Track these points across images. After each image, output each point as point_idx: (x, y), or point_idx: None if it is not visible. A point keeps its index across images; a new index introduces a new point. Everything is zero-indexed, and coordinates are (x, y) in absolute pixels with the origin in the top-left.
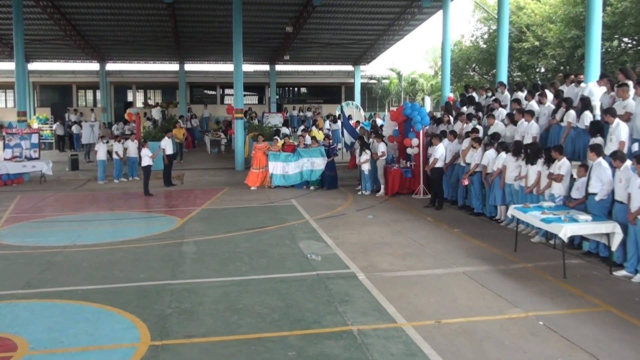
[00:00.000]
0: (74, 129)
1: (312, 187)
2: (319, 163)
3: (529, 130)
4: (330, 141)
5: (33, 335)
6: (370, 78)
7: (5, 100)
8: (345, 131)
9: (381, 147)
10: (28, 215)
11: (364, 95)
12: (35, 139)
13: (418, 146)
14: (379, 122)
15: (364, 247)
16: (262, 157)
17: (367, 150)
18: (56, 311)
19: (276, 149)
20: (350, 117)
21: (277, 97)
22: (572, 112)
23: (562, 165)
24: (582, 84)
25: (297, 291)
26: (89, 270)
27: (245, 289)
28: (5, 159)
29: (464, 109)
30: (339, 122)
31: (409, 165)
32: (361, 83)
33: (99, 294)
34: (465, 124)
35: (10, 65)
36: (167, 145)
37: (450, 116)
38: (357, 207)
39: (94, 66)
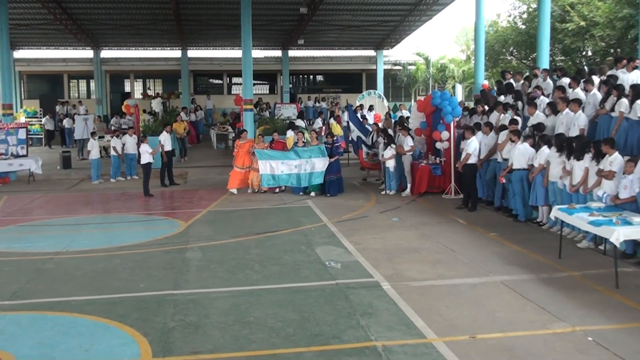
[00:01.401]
0: (66, 122)
1: (312, 194)
2: (320, 164)
3: (575, 122)
4: (334, 138)
5: (21, 350)
6: (395, 64)
7: None
8: (350, 126)
9: (408, 141)
10: (15, 218)
11: (388, 84)
12: (22, 134)
13: (448, 140)
14: (404, 113)
15: (389, 253)
16: (245, 155)
17: (392, 145)
18: (47, 324)
19: (262, 147)
20: (372, 108)
21: (291, 86)
22: (624, 101)
23: (614, 160)
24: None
25: (315, 302)
26: (83, 279)
27: (256, 300)
28: None
29: (501, 97)
30: (359, 114)
31: (438, 162)
32: (384, 70)
33: (95, 305)
34: (502, 115)
35: None
36: (166, 140)
37: (485, 106)
38: (381, 209)
39: (88, 53)
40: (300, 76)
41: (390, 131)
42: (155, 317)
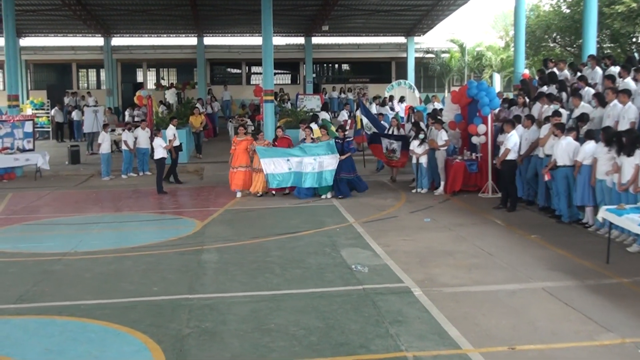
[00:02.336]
0: (74, 115)
1: (323, 196)
2: (329, 162)
3: (624, 114)
4: (346, 133)
5: (28, 357)
6: (427, 52)
7: None
8: (364, 122)
9: (442, 136)
10: (21, 216)
11: (419, 73)
12: (29, 127)
13: (485, 134)
14: (437, 106)
15: (421, 256)
16: (242, 154)
17: (424, 140)
18: (55, 330)
19: (263, 144)
20: (402, 100)
21: (314, 75)
22: None
23: None
24: None
25: (340, 309)
26: (92, 281)
27: (277, 305)
28: None
29: (543, 88)
30: (388, 105)
31: (474, 158)
32: (415, 58)
33: (105, 309)
34: (544, 107)
35: None
36: (173, 135)
37: (525, 97)
38: (412, 208)
39: (98, 41)
40: (325, 65)
41: (422, 125)
42: (169, 323)
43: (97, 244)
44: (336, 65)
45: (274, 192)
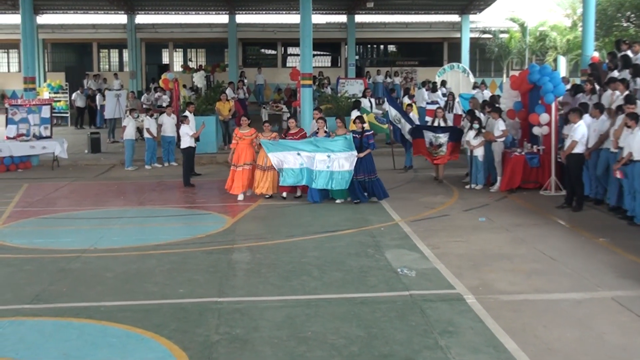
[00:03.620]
0: (98, 99)
1: (337, 201)
2: (346, 161)
3: None
4: (365, 125)
5: None
6: (483, 31)
7: (8, 62)
8: (392, 113)
9: (499, 126)
10: (37, 209)
11: (474, 55)
12: (46, 112)
13: (549, 124)
14: (486, 94)
15: (474, 260)
16: (247, 149)
17: (480, 130)
18: (72, 333)
19: (270, 137)
20: (444, 84)
21: (357, 58)
22: None
23: None
24: None
25: (384, 317)
26: (113, 281)
27: (314, 311)
28: (8, 138)
29: (615, 73)
30: (440, 92)
31: (535, 151)
32: (470, 38)
33: (127, 312)
34: (616, 94)
35: (14, 19)
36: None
37: (594, 83)
38: (465, 206)
39: (121, 18)
40: (369, 46)
41: (478, 113)
42: (197, 328)
43: (118, 240)
44: (382, 47)
45: (284, 194)
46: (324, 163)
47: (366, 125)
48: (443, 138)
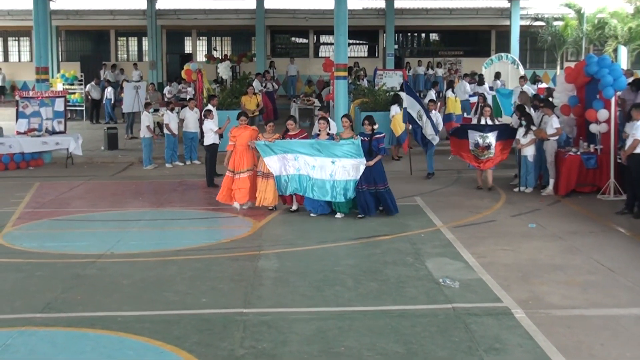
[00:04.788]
0: (108, 92)
1: (338, 215)
2: (352, 169)
3: None
4: (375, 127)
5: None
6: (535, 19)
7: (19, 51)
8: (411, 103)
9: (553, 122)
10: (49, 210)
11: (525, 45)
12: (59, 105)
13: (608, 121)
14: (526, 89)
15: (524, 270)
16: (245, 152)
17: (531, 127)
18: (87, 344)
19: (272, 139)
20: (498, 76)
21: (396, 47)
22: None
23: None
24: None
25: (424, 332)
26: (131, 289)
27: (348, 325)
28: (18, 133)
29: None
30: (486, 85)
31: (592, 150)
32: (521, 26)
33: (145, 323)
34: None
35: (26, 4)
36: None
37: None
38: (513, 211)
39: (140, 4)
40: (409, 35)
41: (528, 109)
42: (220, 341)
43: (136, 245)
44: (423, 35)
45: (293, 206)
46: (325, 170)
47: (376, 126)
48: (491, 137)
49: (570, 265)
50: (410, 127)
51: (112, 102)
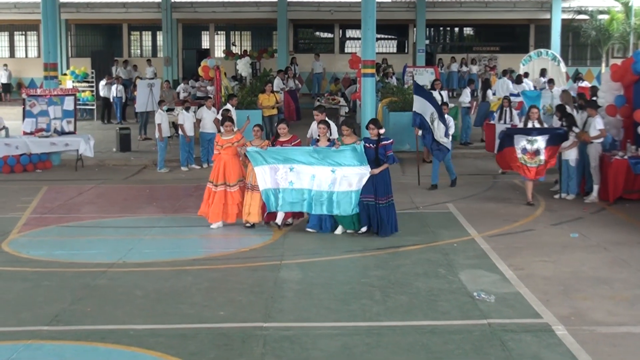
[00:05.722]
0: (115, 90)
1: (339, 230)
2: (354, 179)
3: None
4: (382, 131)
5: None
6: (578, 12)
7: (26, 46)
8: (422, 105)
9: (597, 124)
10: (57, 216)
11: (567, 40)
12: (69, 103)
13: None
14: (555, 92)
15: (565, 284)
16: (233, 161)
17: (573, 129)
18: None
19: (261, 145)
20: (544, 73)
21: (427, 42)
22: None
23: None
24: None
25: (457, 349)
26: (144, 301)
27: (376, 341)
28: (25, 133)
29: None
30: (526, 84)
31: None
32: (562, 20)
33: (159, 337)
34: None
35: None
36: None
37: None
38: (554, 220)
39: None
40: (441, 29)
41: (569, 108)
42: (239, 357)
43: (150, 253)
44: (456, 30)
45: (277, 220)
46: (325, 181)
47: (382, 131)
48: (541, 142)
49: (616, 279)
50: (420, 132)
51: (123, 100)
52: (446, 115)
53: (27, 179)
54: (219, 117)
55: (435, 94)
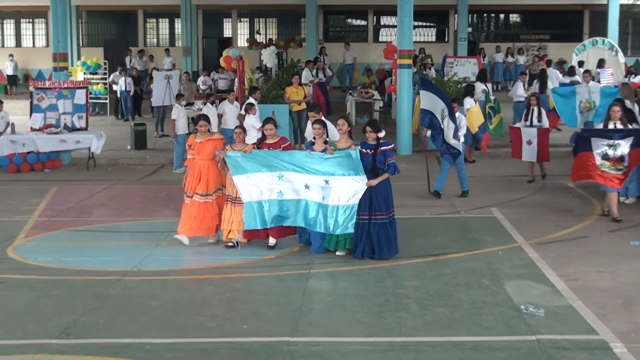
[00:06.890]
0: (122, 83)
1: (338, 252)
2: (349, 190)
3: None
4: (381, 135)
5: None
6: None
7: (33, 35)
8: (431, 101)
9: None
10: (68, 219)
11: (626, 28)
12: (80, 97)
13: None
14: (590, 87)
15: (625, 296)
16: (210, 167)
17: (633, 126)
18: None
19: (244, 149)
20: (601, 64)
21: (470, 30)
22: None
23: None
24: None
25: None
26: (161, 313)
27: (413, 358)
28: (32, 129)
29: None
30: (579, 76)
31: None
32: (620, 5)
33: (177, 352)
34: None
35: None
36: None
37: None
38: (611, 226)
39: None
40: (485, 15)
41: (629, 103)
42: None
43: (167, 260)
44: (501, 16)
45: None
46: (317, 193)
47: (382, 134)
48: (624, 145)
49: None
50: (429, 133)
51: (131, 94)
52: (457, 114)
53: (34, 179)
54: (242, 112)
55: (479, 84)
